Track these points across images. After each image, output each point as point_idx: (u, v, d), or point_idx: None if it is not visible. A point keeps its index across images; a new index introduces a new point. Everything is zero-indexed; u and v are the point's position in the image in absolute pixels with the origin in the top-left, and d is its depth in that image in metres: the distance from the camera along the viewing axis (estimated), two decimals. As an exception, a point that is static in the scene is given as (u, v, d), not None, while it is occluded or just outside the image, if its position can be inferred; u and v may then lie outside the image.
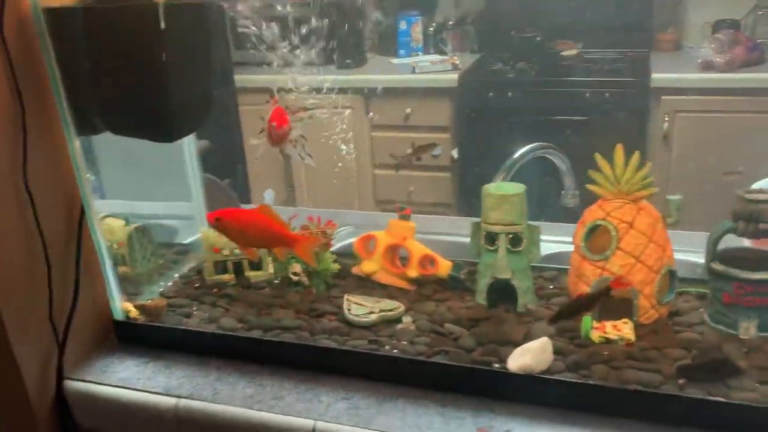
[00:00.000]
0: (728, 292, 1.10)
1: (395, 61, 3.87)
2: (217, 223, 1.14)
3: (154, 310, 1.24)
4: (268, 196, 1.86)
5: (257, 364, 1.18)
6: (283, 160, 1.22)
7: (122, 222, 1.27)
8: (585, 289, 1.15)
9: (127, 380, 1.17)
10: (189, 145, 1.38)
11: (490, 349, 1.10)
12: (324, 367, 1.15)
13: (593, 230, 1.14)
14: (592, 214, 1.14)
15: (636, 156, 1.11)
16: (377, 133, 3.75)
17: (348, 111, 3.78)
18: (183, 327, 1.22)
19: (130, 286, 1.29)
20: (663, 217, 1.13)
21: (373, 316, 1.17)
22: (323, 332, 1.17)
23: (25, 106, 1.07)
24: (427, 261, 1.25)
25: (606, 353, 1.07)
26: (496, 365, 1.07)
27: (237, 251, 1.27)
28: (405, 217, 1.27)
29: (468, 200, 3.62)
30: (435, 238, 1.75)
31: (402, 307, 1.19)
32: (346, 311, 1.18)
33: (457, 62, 3.54)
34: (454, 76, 3.48)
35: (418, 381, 1.10)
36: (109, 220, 1.27)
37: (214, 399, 1.11)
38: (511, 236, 1.16)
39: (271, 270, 1.30)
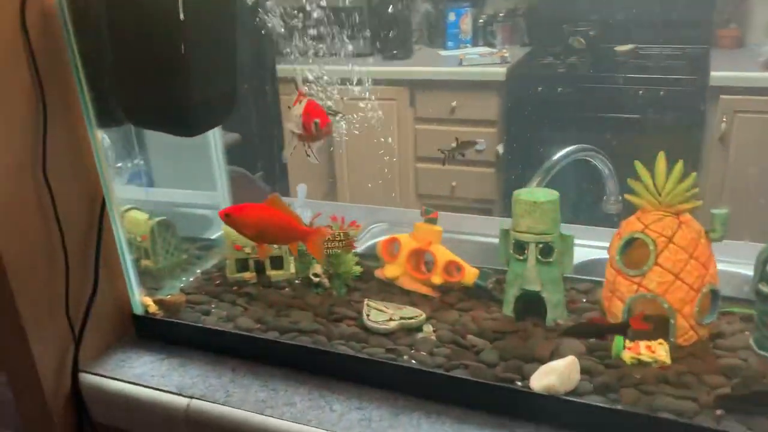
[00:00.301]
0: (777, 317, 1.01)
1: (443, 53, 3.80)
2: (228, 220, 1.11)
3: (172, 306, 1.22)
4: (301, 190, 1.82)
5: (272, 367, 1.16)
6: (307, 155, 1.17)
7: (146, 215, 1.25)
8: (619, 306, 1.08)
9: (141, 376, 1.15)
10: (215, 136, 1.35)
11: (514, 365, 1.04)
12: (339, 375, 1.12)
13: (630, 243, 1.07)
14: (630, 225, 1.07)
15: (679, 166, 1.03)
16: (421, 126, 3.70)
17: (392, 103, 3.74)
18: (200, 325, 1.20)
19: (151, 280, 1.27)
20: (706, 231, 1.05)
21: (393, 324, 1.12)
22: (341, 338, 1.13)
23: (46, 99, 1.07)
24: (452, 268, 1.20)
25: (638, 376, 1.00)
26: (519, 383, 1.01)
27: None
28: (431, 221, 1.21)
29: (510, 198, 3.53)
30: (467, 239, 1.69)
31: (423, 316, 1.13)
32: (365, 317, 1.14)
33: (507, 55, 3.45)
34: (503, 69, 3.40)
35: (436, 395, 1.06)
36: (133, 212, 1.26)
37: (226, 401, 1.09)
38: (541, 246, 1.09)
39: (292, 270, 1.26)
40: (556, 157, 1.46)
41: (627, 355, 1.04)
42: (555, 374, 0.99)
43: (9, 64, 1.02)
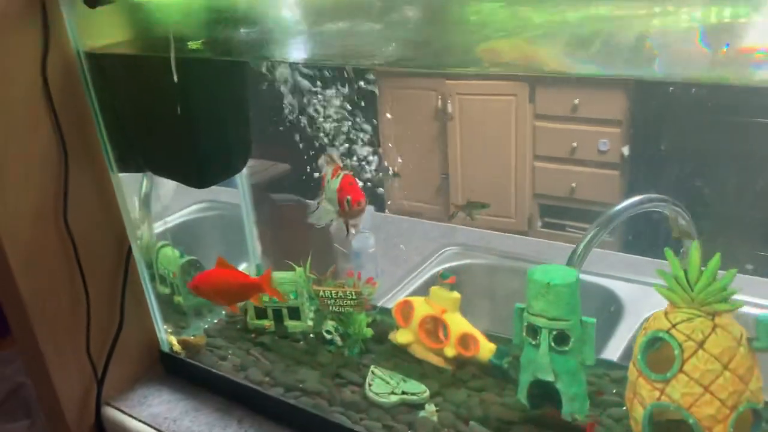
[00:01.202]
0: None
1: (571, 46, 3.55)
2: (196, 291, 1.11)
3: (194, 347, 1.24)
4: (367, 211, 1.78)
5: (274, 424, 1.17)
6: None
7: (177, 253, 1.26)
8: (640, 411, 0.94)
9: (156, 417, 1.20)
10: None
11: None
12: None
13: (655, 342, 0.92)
14: (656, 322, 0.92)
15: (716, 259, 0.87)
16: (540, 123, 3.51)
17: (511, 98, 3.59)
18: (215, 370, 1.20)
19: (179, 318, 1.29)
20: (749, 339, 0.88)
21: (394, 398, 1.07)
22: (341, 404, 1.09)
23: (67, 148, 1.11)
24: (468, 340, 1.11)
25: (648, 498, 0.87)
26: (510, 487, 0.91)
27: (275, 299, 1.21)
28: (447, 287, 1.12)
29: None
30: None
31: (426, 393, 1.07)
32: (367, 386, 1.09)
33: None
34: (631, 66, 3.11)
35: None
36: (167, 249, 1.27)
37: None
38: (555, 333, 0.97)
39: (309, 322, 1.23)
40: (618, 207, 1.30)
41: (641, 470, 0.91)
42: None
43: (30, 113, 1.07)
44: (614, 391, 1.09)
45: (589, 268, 1.41)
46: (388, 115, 3.87)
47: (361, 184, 1.15)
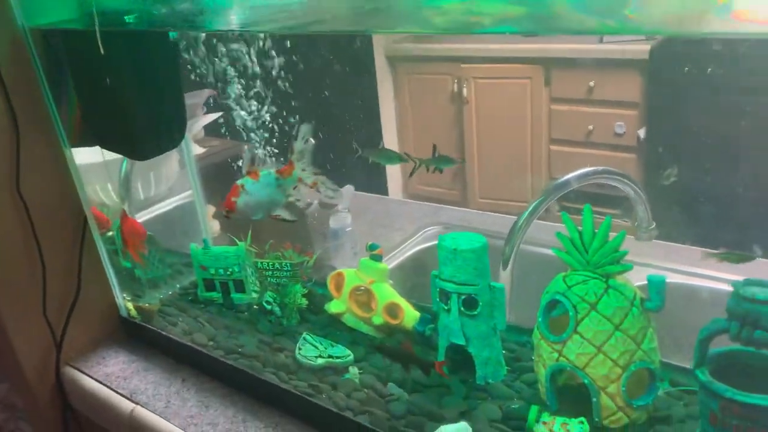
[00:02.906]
0: (714, 412, 0.85)
1: (588, 26, 3.51)
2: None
3: (148, 313, 1.32)
4: (347, 192, 1.83)
5: (214, 383, 1.25)
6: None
7: (136, 228, 1.34)
8: (542, 372, 0.97)
9: (109, 376, 1.29)
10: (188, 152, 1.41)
11: (416, 421, 1.01)
12: (264, 401, 1.18)
13: (554, 305, 0.95)
14: (555, 284, 0.95)
15: (607, 222, 0.89)
16: (556, 106, 3.49)
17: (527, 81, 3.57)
18: (165, 333, 1.28)
19: (138, 289, 1.36)
20: (642, 299, 0.90)
21: (321, 361, 1.13)
22: (274, 366, 1.15)
23: (18, 121, 1.20)
24: (395, 309, 1.15)
25: (542, 455, 0.90)
26: (414, 440, 0.96)
27: (221, 270, 1.28)
28: (376, 258, 1.16)
29: (653, 186, 3.24)
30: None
31: (351, 357, 1.12)
32: (297, 350, 1.14)
33: (655, 30, 3.11)
34: (646, 47, 3.09)
35: None
36: (128, 223, 1.35)
37: (162, 413, 1.18)
38: (463, 297, 1.00)
39: (254, 294, 1.29)
40: (562, 179, 1.31)
41: (540, 430, 0.93)
42: None
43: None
44: (533, 358, 1.11)
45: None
46: (393, 103, 3.92)
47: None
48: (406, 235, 1.96)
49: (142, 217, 1.55)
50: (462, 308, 1.04)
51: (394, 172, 3.53)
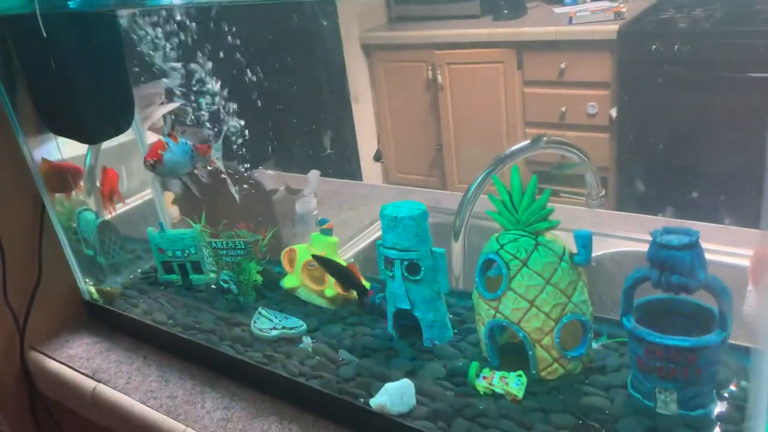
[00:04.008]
0: (640, 356, 0.89)
1: (558, 10, 3.56)
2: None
3: (109, 295, 1.36)
4: (313, 177, 1.87)
5: (174, 359, 1.30)
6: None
7: (94, 216, 1.37)
8: (482, 330, 1.01)
9: (72, 357, 1.34)
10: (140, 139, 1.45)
11: (365, 382, 1.05)
12: (221, 373, 1.23)
13: (489, 264, 0.99)
14: (489, 245, 0.99)
15: (533, 181, 0.93)
16: (530, 89, 3.53)
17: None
18: (126, 313, 1.32)
19: (101, 274, 1.40)
20: (571, 254, 0.94)
21: (275, 332, 1.17)
22: (230, 339, 1.19)
23: None
24: (345, 280, 1.19)
25: (481, 407, 0.95)
26: (362, 400, 1.00)
27: (178, 252, 1.31)
28: (326, 232, 1.20)
29: (627, 164, 3.30)
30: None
31: (303, 327, 1.17)
32: (252, 323, 1.18)
33: (623, 10, 3.16)
34: (614, 27, 3.13)
35: (294, 401, 1.13)
36: (86, 213, 1.38)
37: (123, 389, 1.22)
38: (406, 263, 1.04)
39: (212, 275, 1.32)
40: (512, 149, 1.36)
41: (480, 385, 0.98)
42: (387, 394, 0.99)
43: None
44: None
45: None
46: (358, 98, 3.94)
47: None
48: (375, 217, 2.00)
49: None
50: (405, 274, 1.08)
51: (367, 157, 3.58)
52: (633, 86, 3.19)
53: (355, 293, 1.21)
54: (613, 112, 3.32)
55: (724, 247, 1.47)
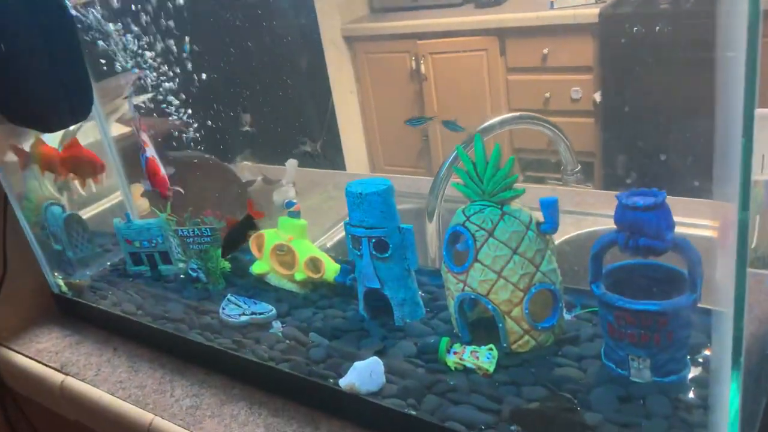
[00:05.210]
0: (611, 323, 0.87)
1: (540, -6, 3.53)
2: None
3: (78, 287, 1.34)
4: (290, 166, 1.85)
5: (143, 349, 1.28)
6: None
7: (60, 210, 1.35)
8: (451, 304, 0.99)
9: (41, 352, 1.32)
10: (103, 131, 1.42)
11: (335, 363, 1.04)
12: (190, 361, 1.21)
13: (456, 237, 0.97)
14: (455, 217, 0.97)
15: (496, 150, 0.91)
16: (513, 76, 3.50)
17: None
18: (95, 305, 1.30)
19: (69, 268, 1.37)
20: (538, 223, 0.92)
21: (244, 318, 1.15)
22: (200, 327, 1.17)
23: None
24: (316, 263, 1.16)
25: (452, 383, 0.92)
26: (332, 380, 0.98)
27: (146, 243, 1.29)
28: (294, 215, 1.18)
29: (612, 148, 3.28)
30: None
31: (273, 311, 1.15)
32: (220, 310, 1.16)
33: (604, -9, 3.14)
34: (595, 10, 3.11)
35: (263, 386, 1.11)
36: (53, 208, 1.36)
37: (92, 380, 1.20)
38: (374, 240, 1.02)
39: (181, 264, 1.30)
40: (485, 124, 1.34)
41: (451, 360, 0.96)
42: (355, 373, 0.97)
43: None
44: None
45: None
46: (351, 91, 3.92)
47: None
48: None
49: (86, 213, 1.55)
50: (373, 252, 1.06)
51: (354, 149, 3.55)
52: (616, 69, 3.17)
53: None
54: (597, 97, 3.30)
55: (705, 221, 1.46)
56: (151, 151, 1.27)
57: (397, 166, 4.05)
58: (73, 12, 1.17)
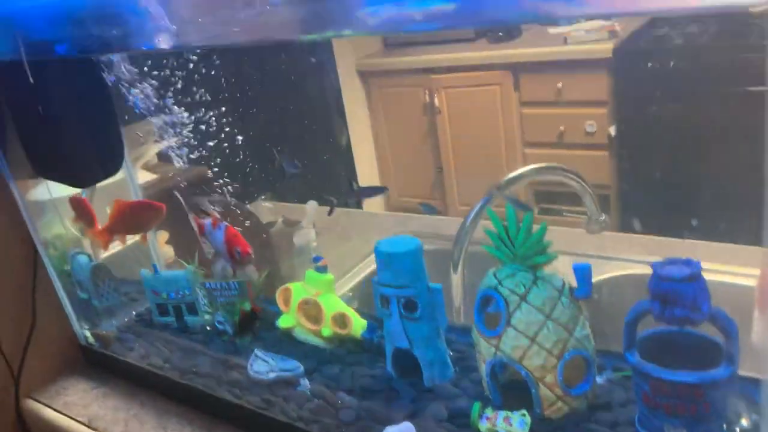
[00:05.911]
0: (646, 392, 0.86)
1: (553, 30, 3.55)
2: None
3: (105, 339, 1.34)
4: (311, 208, 1.85)
5: (171, 404, 1.27)
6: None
7: (87, 259, 1.35)
8: (483, 368, 0.98)
9: (68, 405, 1.32)
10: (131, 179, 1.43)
11: (365, 426, 1.03)
12: (220, 418, 1.20)
13: (488, 301, 0.96)
14: (487, 280, 0.96)
15: (529, 216, 0.91)
16: (527, 110, 3.52)
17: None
18: (122, 358, 1.30)
19: (96, 317, 1.37)
20: (571, 288, 0.91)
21: (272, 375, 1.14)
22: (228, 383, 1.16)
23: None
24: (343, 319, 1.16)
25: (485, 450, 0.91)
26: (363, 444, 0.97)
27: (172, 293, 1.29)
28: (321, 270, 1.18)
29: (627, 181, 3.27)
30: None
31: (300, 369, 1.14)
32: (249, 366, 1.15)
33: (617, 29, 3.15)
34: (609, 45, 3.12)
35: None
36: (80, 257, 1.36)
37: None
38: (403, 300, 1.02)
39: (207, 316, 1.30)
40: (508, 177, 1.34)
41: (484, 427, 0.95)
42: None
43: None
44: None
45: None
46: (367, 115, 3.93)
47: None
48: (372, 248, 1.98)
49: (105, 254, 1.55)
50: (402, 311, 1.05)
51: (368, 182, 3.55)
52: (630, 104, 3.18)
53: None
54: (612, 130, 3.30)
55: (729, 267, 1.45)
56: (223, 222, 1.28)
57: (412, 197, 4.05)
58: (111, 77, 1.19)
